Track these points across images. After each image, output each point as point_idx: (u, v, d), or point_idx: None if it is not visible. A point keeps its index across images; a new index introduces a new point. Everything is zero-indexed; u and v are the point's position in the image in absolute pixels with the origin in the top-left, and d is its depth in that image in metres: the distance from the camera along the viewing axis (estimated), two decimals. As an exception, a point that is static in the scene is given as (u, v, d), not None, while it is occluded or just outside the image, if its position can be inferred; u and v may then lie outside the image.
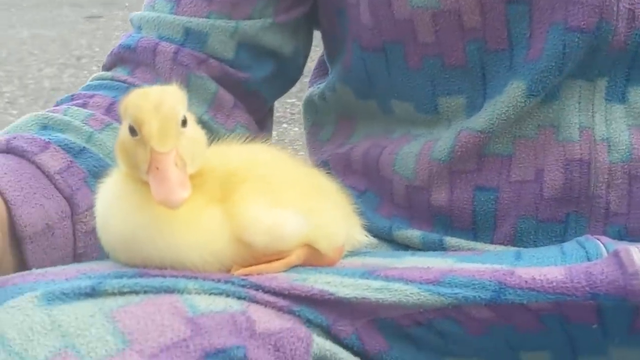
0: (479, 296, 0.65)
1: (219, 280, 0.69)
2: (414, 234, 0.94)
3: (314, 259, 0.75)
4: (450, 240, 0.91)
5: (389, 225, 0.96)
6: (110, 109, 0.89)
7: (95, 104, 0.94)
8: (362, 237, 0.83)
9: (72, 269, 0.70)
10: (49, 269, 0.70)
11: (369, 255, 0.85)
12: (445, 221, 0.92)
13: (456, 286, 0.66)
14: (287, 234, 0.71)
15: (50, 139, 0.85)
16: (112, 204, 0.71)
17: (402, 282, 0.69)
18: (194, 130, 0.69)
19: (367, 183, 0.99)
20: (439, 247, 0.92)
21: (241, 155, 0.76)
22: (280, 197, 0.73)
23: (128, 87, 0.95)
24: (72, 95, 0.97)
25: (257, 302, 0.68)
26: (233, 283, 0.69)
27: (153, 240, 0.68)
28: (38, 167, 0.82)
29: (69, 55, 4.83)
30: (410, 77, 0.92)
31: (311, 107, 1.10)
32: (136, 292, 0.65)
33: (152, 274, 0.68)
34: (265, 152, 0.79)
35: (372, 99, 0.99)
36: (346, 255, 0.81)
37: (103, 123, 0.91)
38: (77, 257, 0.84)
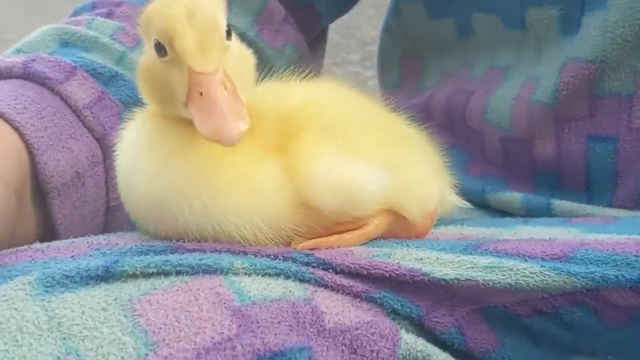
0: (623, 276, 0.51)
1: (275, 257, 0.53)
2: (513, 197, 0.79)
3: (399, 228, 0.59)
4: (560, 204, 0.76)
5: (482, 187, 0.79)
6: None
7: (124, 14, 0.78)
8: (455, 199, 0.66)
9: (83, 242, 0.54)
10: (52, 244, 0.54)
11: (467, 223, 0.68)
12: (551, 181, 0.78)
13: (591, 263, 0.53)
14: (365, 195, 0.55)
15: (75, 61, 0.70)
16: (136, 156, 0.55)
17: (518, 258, 0.54)
18: (239, 45, 0.55)
19: (451, 137, 0.83)
20: (544, 213, 0.77)
21: (302, 93, 0.60)
22: (354, 147, 0.56)
23: None
24: (93, 2, 0.80)
25: (326, 286, 0.52)
26: (294, 260, 0.53)
27: (190, 203, 0.53)
28: (63, 99, 0.67)
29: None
30: None
31: (379, 51, 0.95)
32: (165, 274, 0.49)
33: (187, 248, 0.52)
34: (332, 90, 0.62)
35: (448, 17, 0.84)
36: (437, 223, 0.64)
37: (135, 39, 0.76)
38: (109, 212, 0.70)
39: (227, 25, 0.52)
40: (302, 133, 0.55)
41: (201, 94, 0.49)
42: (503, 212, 0.81)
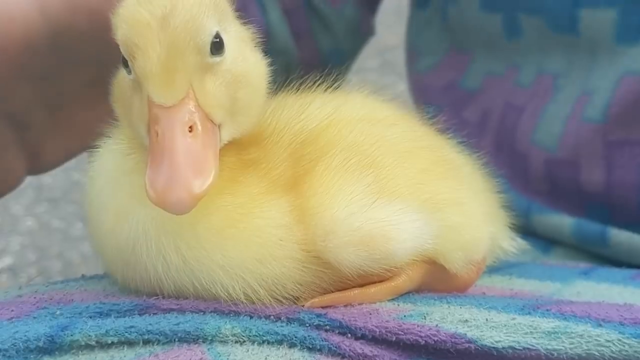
0: None
1: (277, 318, 0.41)
2: (563, 221, 0.68)
3: (437, 280, 0.47)
4: (618, 235, 0.66)
5: (527, 206, 0.67)
6: None
7: None
8: (509, 244, 0.53)
9: (29, 295, 0.42)
10: None
11: (517, 273, 0.55)
12: (601, 212, 0.67)
13: None
14: (397, 250, 0.43)
15: None
16: (103, 188, 0.43)
17: (590, 322, 0.42)
18: (242, 60, 0.42)
19: (496, 164, 0.70)
20: (599, 242, 0.67)
21: (323, 111, 0.47)
22: (385, 181, 0.43)
23: None
24: None
25: (342, 355, 0.41)
26: (302, 322, 0.41)
27: (164, 254, 0.41)
28: None
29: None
30: None
31: (417, 28, 0.84)
32: (129, 344, 0.38)
33: (161, 307, 0.40)
34: (360, 105, 0.49)
35: (498, 12, 0.73)
36: (484, 274, 0.51)
37: None
38: None
39: (216, 32, 0.40)
40: (320, 163, 0.43)
41: (157, 134, 0.38)
42: (549, 239, 0.70)
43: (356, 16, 0.83)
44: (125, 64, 0.41)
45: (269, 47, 0.48)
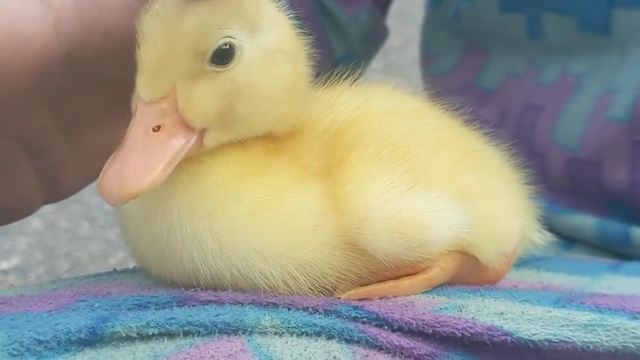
0: None
1: (314, 310, 0.41)
2: (586, 221, 0.68)
3: (469, 272, 0.47)
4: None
5: (547, 208, 0.67)
6: None
7: None
8: (537, 236, 0.53)
9: (66, 288, 0.42)
10: (25, 290, 0.42)
11: (544, 267, 0.55)
12: (625, 211, 0.66)
13: None
14: (433, 237, 0.43)
15: None
16: None
17: (625, 314, 0.42)
18: (256, 72, 0.41)
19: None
20: (621, 243, 0.66)
21: (353, 103, 0.47)
22: (419, 171, 0.43)
23: None
24: None
25: (379, 347, 0.41)
26: (339, 314, 0.41)
27: (199, 241, 0.40)
28: None
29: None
30: None
31: (432, 30, 0.84)
32: (169, 335, 0.37)
33: (200, 299, 0.40)
34: (389, 98, 0.49)
35: (520, 12, 0.72)
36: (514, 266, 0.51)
37: None
38: None
39: (228, 42, 0.40)
40: (353, 153, 0.42)
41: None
42: (569, 239, 0.69)
43: (370, 21, 0.83)
44: None
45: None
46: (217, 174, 0.41)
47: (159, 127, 0.39)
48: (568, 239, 0.70)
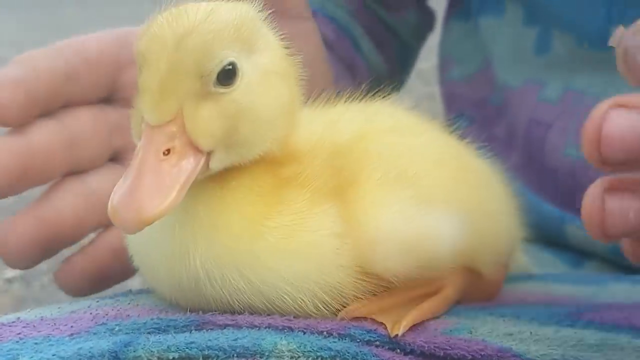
0: None
1: (329, 334, 0.42)
2: None
3: (473, 287, 0.48)
4: None
5: (561, 217, 0.67)
6: None
7: None
8: (521, 255, 0.55)
9: (85, 312, 0.43)
10: (44, 312, 0.43)
11: (552, 279, 0.56)
12: None
13: None
14: (440, 253, 0.44)
15: None
16: (151, 229, 0.43)
17: (632, 332, 0.43)
18: (257, 93, 0.41)
19: (521, 172, 0.71)
20: None
21: (356, 121, 0.48)
22: (424, 189, 0.44)
23: None
24: None
25: None
26: (353, 338, 0.42)
27: (232, 283, 0.41)
28: None
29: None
30: None
31: (457, 39, 0.84)
32: (190, 359, 0.37)
33: (217, 322, 0.41)
34: (389, 115, 0.50)
35: (535, 25, 0.74)
36: (515, 278, 0.53)
37: None
38: None
39: (231, 61, 0.40)
40: (360, 175, 0.43)
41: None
42: (582, 252, 0.69)
43: (419, 18, 0.87)
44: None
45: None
46: (236, 213, 0.41)
47: (168, 150, 0.39)
48: (580, 253, 0.70)
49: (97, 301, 0.46)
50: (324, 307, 0.42)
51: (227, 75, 0.40)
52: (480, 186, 0.50)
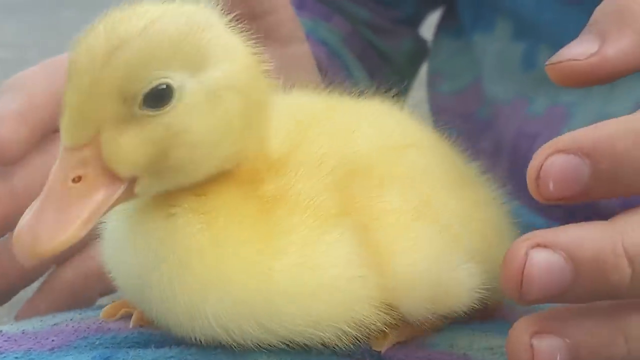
0: None
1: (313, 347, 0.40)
2: None
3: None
4: None
5: (547, 227, 0.67)
6: None
7: None
8: None
9: (67, 324, 0.43)
10: (26, 325, 0.43)
11: None
12: None
13: None
14: (460, 301, 0.42)
15: None
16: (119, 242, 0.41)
17: None
18: (196, 116, 0.36)
19: (506, 178, 0.71)
20: None
21: (372, 132, 0.44)
22: (445, 222, 0.42)
23: None
24: None
25: None
26: (334, 351, 0.41)
27: (245, 330, 0.38)
28: None
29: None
30: (565, 14, 0.68)
31: (448, 55, 0.85)
32: None
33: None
34: (408, 127, 0.47)
35: (522, 41, 0.74)
36: None
37: None
38: None
39: (166, 82, 0.35)
40: (377, 199, 0.40)
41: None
42: None
43: (414, 46, 0.87)
44: None
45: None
46: (234, 258, 0.38)
47: (80, 177, 0.35)
48: None
49: (80, 313, 0.46)
50: (351, 342, 0.39)
51: (158, 97, 0.35)
52: (494, 214, 0.48)
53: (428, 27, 0.90)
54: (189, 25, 0.36)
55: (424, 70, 1.03)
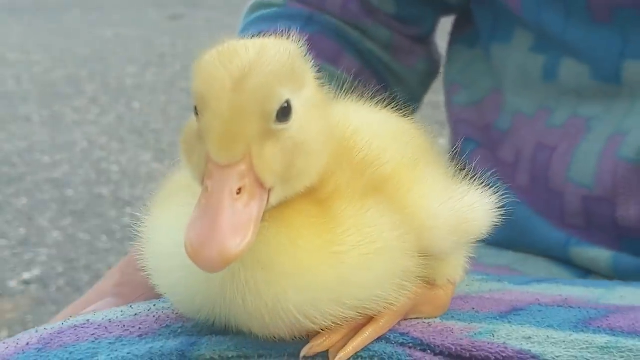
0: None
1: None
2: (601, 254, 0.72)
3: (423, 302, 0.50)
4: None
5: (565, 239, 0.72)
6: None
7: None
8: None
9: (148, 315, 0.47)
10: (109, 315, 0.48)
11: (562, 282, 0.61)
12: (637, 245, 0.70)
13: None
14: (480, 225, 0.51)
15: None
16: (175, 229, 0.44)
17: (637, 336, 0.48)
18: (308, 128, 0.43)
19: (527, 195, 0.76)
20: (636, 275, 0.70)
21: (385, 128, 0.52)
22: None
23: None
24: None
25: None
26: (388, 340, 0.47)
27: (314, 304, 0.43)
28: None
29: (151, 54, 4.71)
30: (593, 32, 0.70)
31: (463, 65, 0.87)
32: (246, 357, 0.42)
33: None
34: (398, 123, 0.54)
35: (543, 53, 0.76)
36: (525, 280, 0.58)
37: None
38: None
39: (287, 101, 0.41)
40: (395, 176, 0.47)
41: (207, 190, 0.40)
42: (585, 270, 0.74)
43: (427, 67, 0.89)
44: (196, 111, 0.42)
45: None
46: (306, 251, 0.42)
47: (239, 189, 0.40)
48: (583, 270, 0.74)
49: (154, 304, 0.51)
50: (406, 294, 0.45)
51: (284, 113, 0.41)
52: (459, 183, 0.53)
53: (439, 33, 0.92)
54: (291, 51, 0.43)
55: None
